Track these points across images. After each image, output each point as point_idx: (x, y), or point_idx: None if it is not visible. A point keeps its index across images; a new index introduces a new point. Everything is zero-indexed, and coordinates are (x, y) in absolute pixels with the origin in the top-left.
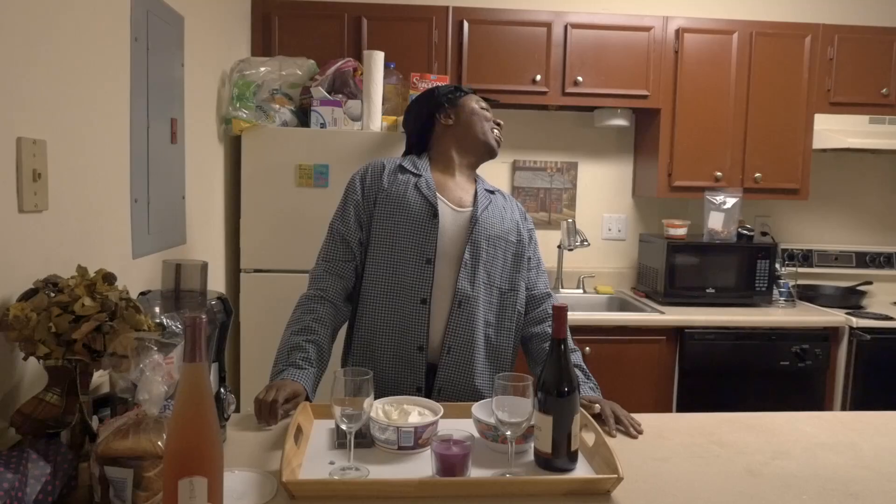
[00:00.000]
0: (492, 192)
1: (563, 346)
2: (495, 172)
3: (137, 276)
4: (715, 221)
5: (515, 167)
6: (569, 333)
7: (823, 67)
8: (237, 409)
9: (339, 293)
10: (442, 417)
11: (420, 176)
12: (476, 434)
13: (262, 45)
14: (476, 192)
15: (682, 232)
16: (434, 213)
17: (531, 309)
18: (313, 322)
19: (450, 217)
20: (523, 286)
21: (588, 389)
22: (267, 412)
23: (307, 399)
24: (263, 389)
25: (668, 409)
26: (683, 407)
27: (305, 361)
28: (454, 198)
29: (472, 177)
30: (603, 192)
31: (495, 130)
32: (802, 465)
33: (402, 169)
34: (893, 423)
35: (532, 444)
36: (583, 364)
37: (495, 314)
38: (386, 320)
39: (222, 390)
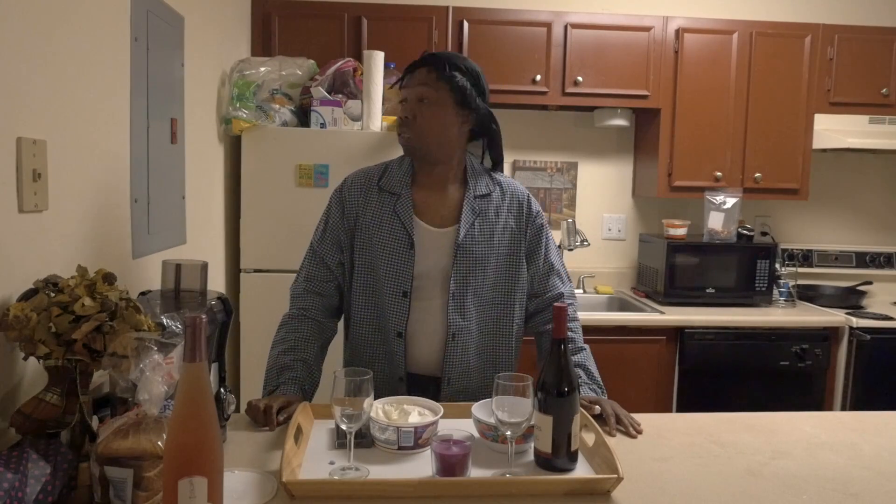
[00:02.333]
0: (485, 196)
1: (562, 346)
2: None
3: (137, 276)
4: (715, 221)
5: (515, 167)
6: (580, 332)
7: (823, 67)
8: (237, 409)
9: (321, 310)
10: (442, 417)
11: (399, 196)
12: (476, 434)
13: (262, 45)
14: (464, 202)
15: (682, 232)
16: (410, 244)
17: (543, 308)
18: (299, 341)
19: (430, 240)
20: (522, 290)
21: (587, 390)
22: (262, 415)
23: None
24: (258, 399)
25: (668, 409)
26: (683, 407)
27: (294, 381)
28: (435, 217)
29: (459, 179)
30: (603, 192)
31: (403, 122)
32: (802, 465)
33: (381, 188)
34: (893, 423)
35: (532, 444)
36: (588, 365)
37: (492, 331)
38: (370, 349)
39: (222, 390)
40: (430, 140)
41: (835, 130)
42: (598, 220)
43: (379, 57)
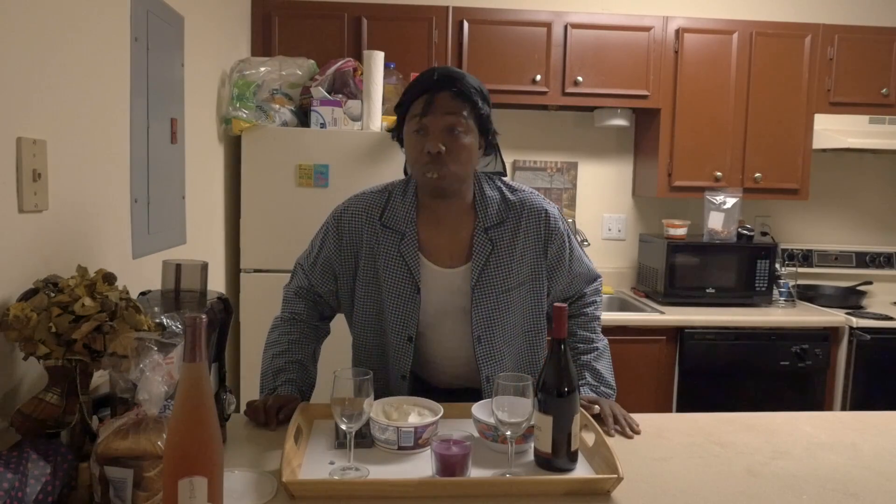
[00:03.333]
0: (497, 225)
1: (562, 346)
2: None
3: (137, 276)
4: (715, 221)
5: (515, 167)
6: (597, 330)
7: (823, 67)
8: (237, 409)
9: (313, 315)
10: (442, 417)
11: (403, 235)
12: (476, 434)
13: (262, 45)
14: (474, 235)
15: (682, 232)
16: (416, 289)
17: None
18: (292, 343)
19: (439, 282)
20: (545, 301)
21: (587, 391)
22: (262, 415)
23: None
24: (257, 399)
25: (668, 409)
26: (683, 407)
27: (291, 382)
28: (444, 256)
29: (469, 208)
30: (603, 192)
31: (435, 158)
32: (802, 465)
33: (383, 225)
34: (893, 423)
35: (532, 444)
36: (597, 365)
37: (527, 356)
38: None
39: (222, 390)
40: (461, 175)
41: (835, 130)
42: (598, 220)
43: (379, 57)
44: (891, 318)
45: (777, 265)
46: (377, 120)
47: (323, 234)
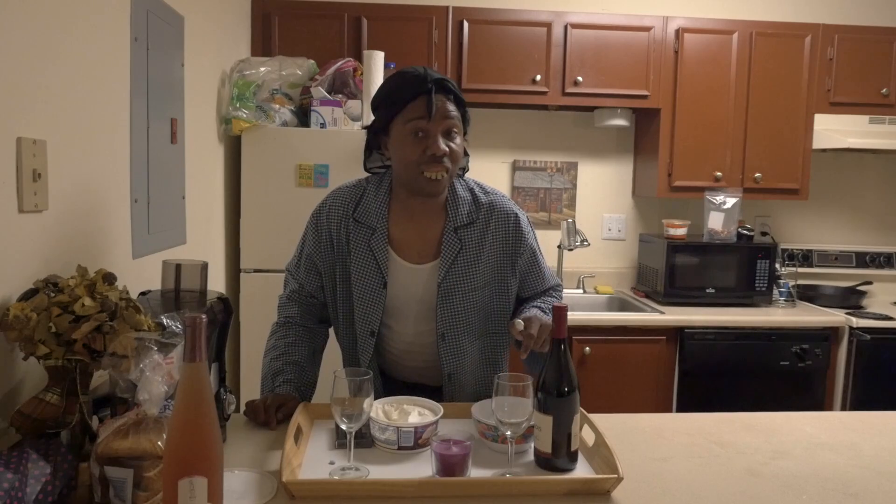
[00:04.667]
0: (467, 225)
1: (563, 346)
2: (496, 173)
3: (137, 276)
4: (715, 221)
5: (515, 167)
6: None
7: (823, 67)
8: (237, 409)
9: (308, 317)
10: (442, 417)
11: (374, 231)
12: (476, 434)
13: (262, 45)
14: (443, 234)
15: (682, 232)
16: (383, 284)
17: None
18: (288, 346)
19: (407, 277)
20: (511, 303)
21: (534, 311)
22: (261, 414)
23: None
24: (256, 399)
25: (668, 409)
26: (683, 407)
27: (289, 383)
28: (413, 252)
29: (441, 207)
30: (603, 192)
31: (440, 159)
32: (802, 465)
33: (357, 220)
34: (893, 423)
35: (532, 444)
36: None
37: (490, 356)
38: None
39: (222, 390)
40: (454, 175)
41: (835, 130)
42: (598, 220)
43: (379, 57)
44: (891, 318)
45: (777, 265)
46: None
47: (304, 234)
